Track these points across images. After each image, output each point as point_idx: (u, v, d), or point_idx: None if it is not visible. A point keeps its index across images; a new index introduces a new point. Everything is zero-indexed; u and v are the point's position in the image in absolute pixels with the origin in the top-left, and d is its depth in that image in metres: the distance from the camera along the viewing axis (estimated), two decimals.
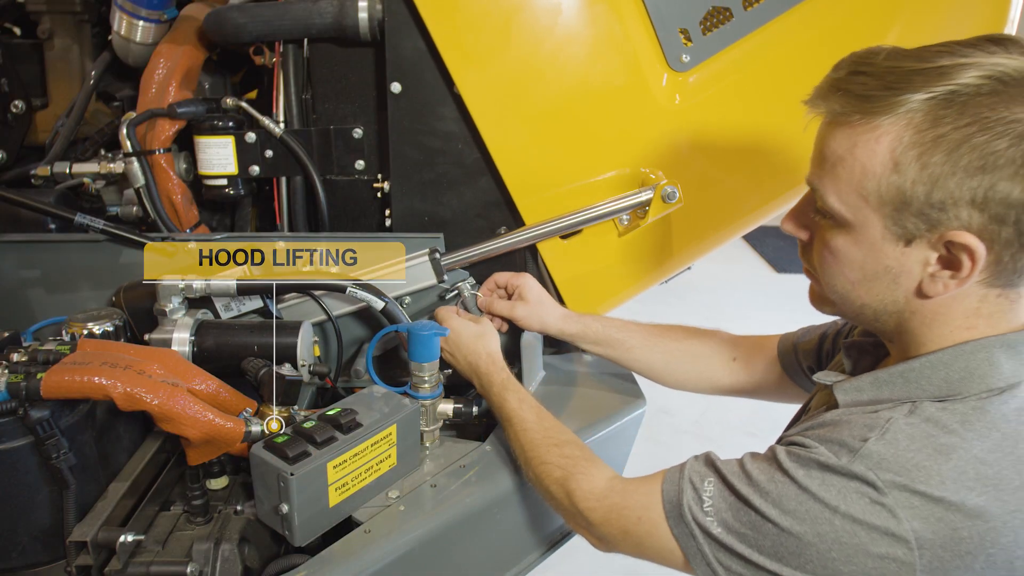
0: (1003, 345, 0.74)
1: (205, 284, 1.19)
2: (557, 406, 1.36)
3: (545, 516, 1.21)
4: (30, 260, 1.35)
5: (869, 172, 0.72)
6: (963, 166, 0.67)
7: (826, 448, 0.73)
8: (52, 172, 1.49)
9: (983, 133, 0.66)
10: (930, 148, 0.68)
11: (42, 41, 1.67)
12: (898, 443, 0.71)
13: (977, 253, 0.69)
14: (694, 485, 0.80)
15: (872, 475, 0.69)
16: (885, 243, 0.74)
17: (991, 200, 0.67)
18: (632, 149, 1.36)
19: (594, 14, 1.28)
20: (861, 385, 0.81)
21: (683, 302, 4.75)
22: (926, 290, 0.74)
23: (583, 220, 1.34)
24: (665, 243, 1.44)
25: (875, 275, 0.77)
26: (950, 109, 0.67)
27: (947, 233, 0.70)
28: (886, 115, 0.70)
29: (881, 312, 0.79)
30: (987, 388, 0.73)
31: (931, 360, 0.76)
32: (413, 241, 1.36)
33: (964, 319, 0.75)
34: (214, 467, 1.10)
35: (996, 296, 0.74)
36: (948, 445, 0.70)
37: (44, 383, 0.92)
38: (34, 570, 0.99)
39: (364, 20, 1.31)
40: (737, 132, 1.36)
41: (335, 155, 1.43)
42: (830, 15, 1.30)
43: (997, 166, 0.66)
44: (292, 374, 1.08)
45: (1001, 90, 0.66)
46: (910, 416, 0.73)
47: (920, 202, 0.70)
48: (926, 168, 0.68)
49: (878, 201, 0.72)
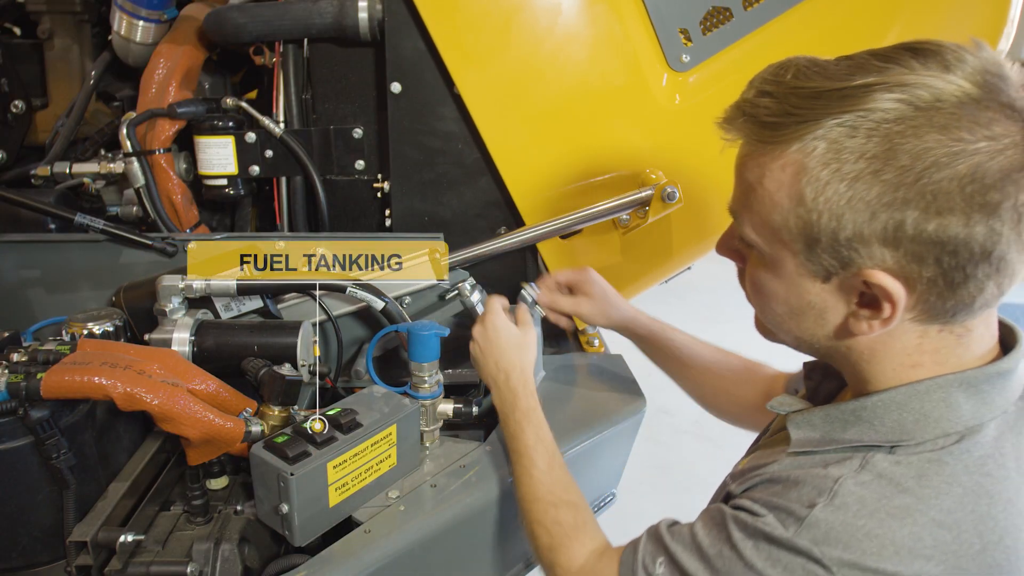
0: (961, 384, 0.67)
1: (205, 284, 1.19)
2: (557, 406, 1.36)
3: None
4: (30, 260, 1.34)
5: (777, 205, 0.66)
6: (869, 200, 0.61)
7: (773, 516, 0.67)
8: (52, 172, 1.49)
9: (890, 165, 0.59)
10: (834, 180, 0.62)
11: (42, 41, 1.67)
12: (848, 508, 0.64)
13: (895, 295, 0.63)
14: (646, 568, 0.76)
15: (818, 551, 0.63)
16: (803, 279, 0.68)
17: (903, 238, 0.61)
18: (632, 149, 1.36)
19: (594, 14, 1.28)
20: (813, 420, 0.74)
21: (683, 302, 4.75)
22: (852, 329, 0.68)
23: (583, 220, 1.34)
24: (665, 243, 1.44)
25: (800, 310, 0.71)
26: (854, 139, 0.60)
27: (862, 272, 0.64)
28: (789, 144, 0.63)
29: (816, 347, 0.74)
30: (943, 433, 0.66)
31: (884, 399, 0.69)
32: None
33: (906, 356, 0.69)
34: (214, 467, 1.10)
35: (938, 332, 0.67)
36: (903, 507, 0.63)
37: (44, 383, 0.92)
38: (34, 570, 0.99)
39: (364, 20, 1.31)
40: None
41: (335, 155, 1.43)
42: (830, 15, 1.30)
43: (907, 200, 0.59)
44: (292, 374, 1.08)
45: (911, 116, 0.59)
46: (860, 473, 0.66)
47: (829, 238, 0.64)
48: (829, 202, 0.62)
49: (788, 236, 0.67)
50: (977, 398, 0.67)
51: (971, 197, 0.58)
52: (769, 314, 0.75)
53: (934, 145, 0.58)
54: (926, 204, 0.59)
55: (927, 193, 0.59)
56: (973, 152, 0.58)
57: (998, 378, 0.68)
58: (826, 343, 0.72)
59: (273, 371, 1.07)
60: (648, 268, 1.48)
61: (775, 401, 0.81)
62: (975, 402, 0.67)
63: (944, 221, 0.59)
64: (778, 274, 0.71)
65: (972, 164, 0.58)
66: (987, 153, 0.58)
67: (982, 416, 0.67)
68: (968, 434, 0.66)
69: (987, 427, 0.67)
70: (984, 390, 0.67)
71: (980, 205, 0.58)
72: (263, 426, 1.05)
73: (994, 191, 0.58)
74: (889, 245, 0.62)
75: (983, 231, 0.59)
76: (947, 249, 0.60)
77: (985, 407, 0.67)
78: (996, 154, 0.58)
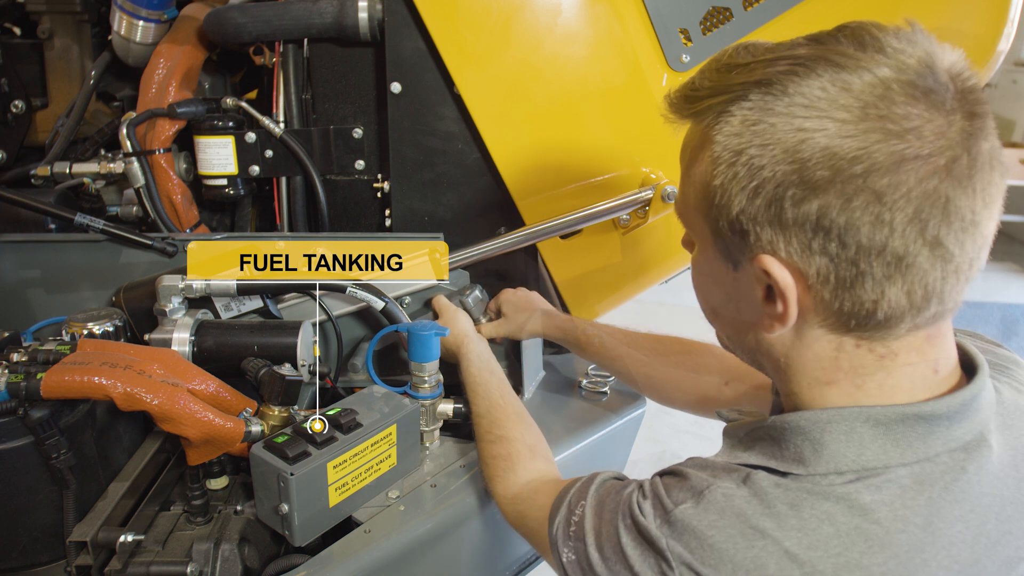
0: (868, 419, 0.60)
1: (205, 284, 1.19)
2: (557, 407, 1.36)
3: None
4: (30, 260, 1.34)
5: (693, 183, 0.65)
6: (752, 177, 0.58)
7: (650, 503, 0.66)
8: (52, 172, 1.48)
9: (778, 142, 0.56)
10: (729, 155, 0.59)
11: (42, 41, 1.66)
12: (707, 515, 0.61)
13: (783, 285, 0.59)
14: (571, 507, 0.76)
15: (664, 544, 0.61)
16: (717, 264, 0.66)
17: (786, 220, 0.57)
18: (632, 149, 1.36)
19: (594, 14, 1.28)
20: (739, 433, 0.70)
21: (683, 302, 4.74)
22: (762, 327, 0.64)
23: (583, 220, 1.34)
24: (665, 243, 1.44)
25: (721, 301, 0.69)
26: (758, 115, 0.57)
27: (756, 258, 0.60)
28: (704, 117, 0.62)
29: (743, 349, 0.71)
30: (836, 469, 0.60)
31: (790, 422, 0.63)
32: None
33: (820, 371, 0.63)
34: (214, 467, 1.10)
35: (855, 347, 0.61)
36: (758, 529, 0.58)
37: (44, 383, 0.92)
38: (34, 570, 0.99)
39: (364, 20, 1.31)
40: None
41: (335, 155, 1.43)
42: (830, 15, 1.30)
43: (787, 176, 0.56)
44: (292, 374, 1.08)
45: (818, 97, 0.55)
46: (740, 487, 0.62)
47: (725, 217, 0.61)
48: (724, 176, 0.60)
49: (700, 215, 0.65)
50: (887, 439, 0.60)
51: (849, 179, 0.54)
52: (704, 310, 0.74)
53: (826, 127, 0.54)
54: (802, 181, 0.55)
55: (806, 170, 0.55)
56: (865, 131, 0.53)
57: (917, 421, 0.60)
58: (747, 346, 0.69)
59: (273, 371, 1.07)
60: (648, 268, 1.48)
61: (725, 411, 0.80)
62: (884, 442, 0.60)
63: (821, 202, 0.55)
64: (702, 262, 0.69)
65: (860, 144, 0.53)
66: (882, 134, 0.53)
67: (890, 460, 0.59)
68: (866, 476, 0.59)
69: (897, 473, 0.59)
70: (897, 431, 0.60)
71: (861, 188, 0.54)
72: (263, 426, 1.06)
73: (880, 175, 0.53)
74: (775, 227, 0.58)
75: (868, 219, 0.54)
76: (831, 235, 0.56)
77: (896, 450, 0.59)
78: (895, 138, 0.53)
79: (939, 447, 0.60)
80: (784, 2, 1.30)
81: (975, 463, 0.61)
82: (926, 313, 0.58)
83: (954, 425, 0.60)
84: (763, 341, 0.66)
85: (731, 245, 0.63)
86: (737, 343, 0.71)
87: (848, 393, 0.63)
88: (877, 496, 0.58)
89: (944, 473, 0.60)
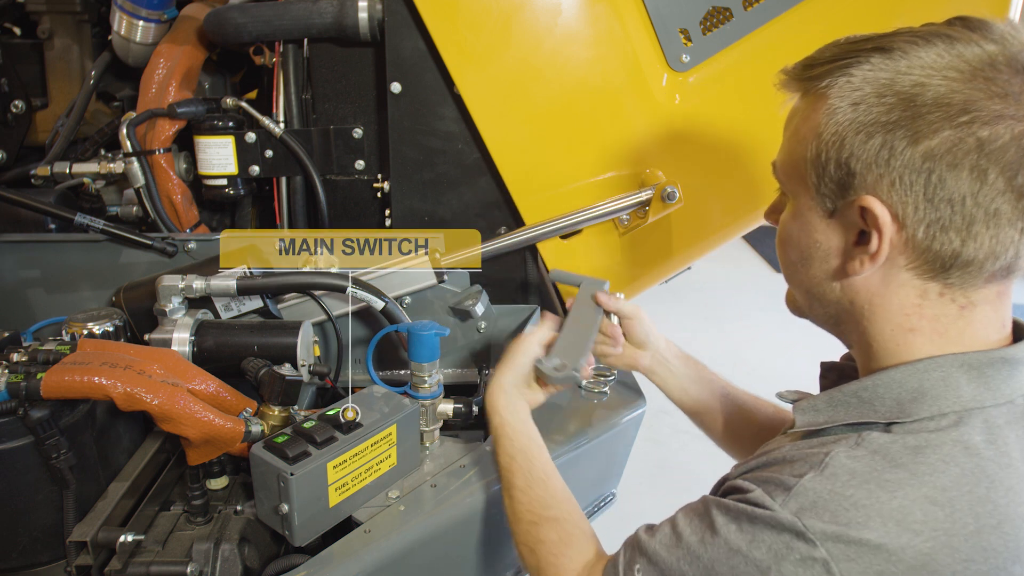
0: (964, 365, 0.66)
1: (205, 284, 1.19)
2: (557, 407, 1.36)
3: None
4: (30, 260, 1.35)
5: (801, 138, 0.71)
6: (866, 122, 0.65)
7: (762, 490, 0.66)
8: (52, 172, 1.49)
9: (893, 92, 0.64)
10: (844, 107, 0.66)
11: (42, 41, 1.67)
12: (837, 478, 0.63)
13: (881, 220, 0.65)
14: (625, 572, 0.74)
15: (801, 524, 0.61)
16: (812, 214, 0.72)
17: (893, 162, 0.64)
18: (632, 149, 1.36)
19: (594, 14, 1.28)
20: (817, 404, 0.74)
21: (683, 302, 4.75)
22: (848, 269, 0.69)
23: (583, 220, 1.34)
24: (665, 243, 1.44)
25: (810, 253, 0.73)
26: (873, 74, 0.65)
27: (857, 199, 0.66)
28: (820, 80, 0.69)
29: (823, 301, 0.75)
30: (940, 412, 0.65)
31: (884, 378, 0.69)
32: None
33: (904, 316, 0.68)
34: (214, 467, 1.10)
35: (938, 295, 0.67)
36: (894, 481, 0.62)
37: (44, 383, 0.92)
38: (34, 570, 0.99)
39: (364, 20, 1.31)
40: (737, 132, 1.36)
41: (335, 155, 1.43)
42: (830, 15, 1.30)
43: (899, 122, 0.63)
44: (292, 374, 1.08)
45: (932, 63, 0.63)
46: (855, 448, 0.65)
47: (833, 162, 0.67)
48: (838, 125, 0.67)
49: (805, 168, 0.71)
50: (979, 381, 0.66)
51: (957, 126, 0.61)
52: (788, 266, 0.78)
53: (940, 83, 0.62)
54: (914, 125, 0.62)
55: (919, 116, 0.62)
56: (973, 89, 0.61)
57: (1004, 364, 0.66)
58: (831, 296, 0.73)
59: (273, 371, 1.07)
60: (648, 268, 1.47)
61: (784, 391, 0.84)
62: (977, 385, 0.65)
63: (930, 143, 0.62)
64: (795, 214, 0.74)
65: (967, 98, 0.61)
66: (986, 94, 0.61)
67: (984, 401, 0.65)
68: (967, 417, 0.65)
69: (990, 413, 0.65)
70: (988, 374, 0.66)
71: (965, 136, 0.61)
72: (263, 426, 1.06)
73: (982, 126, 0.60)
74: (882, 167, 0.64)
75: (967, 163, 0.61)
76: (932, 176, 0.62)
77: (988, 392, 0.65)
78: (997, 99, 0.60)
79: (1018, 388, 0.67)
80: (784, 2, 1.30)
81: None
82: (1002, 263, 0.64)
83: (1022, 369, 0.67)
84: (848, 288, 0.71)
85: (832, 192, 0.69)
86: (818, 296, 0.75)
87: (931, 340, 0.68)
88: (983, 436, 0.64)
89: (1023, 414, 0.67)
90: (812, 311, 0.78)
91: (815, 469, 0.65)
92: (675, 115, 1.33)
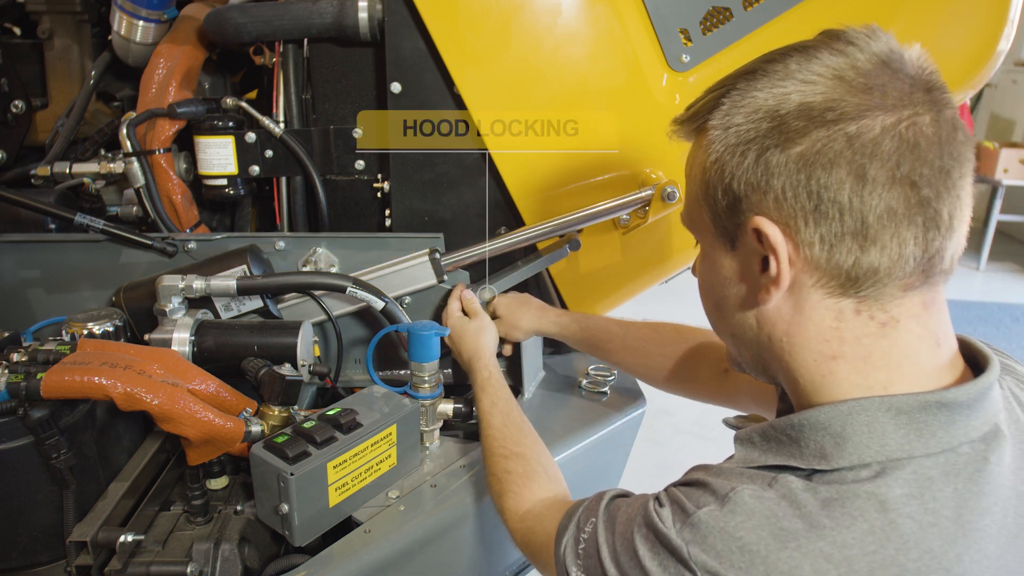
0: (891, 409, 0.60)
1: (205, 284, 1.19)
2: (557, 407, 1.36)
3: None
4: (30, 260, 1.35)
5: (692, 177, 0.71)
6: (739, 142, 0.63)
7: (670, 508, 0.65)
8: (52, 172, 1.48)
9: (764, 111, 0.62)
10: (722, 135, 0.65)
11: (42, 41, 1.66)
12: (734, 517, 0.59)
13: (773, 239, 0.61)
14: (579, 525, 0.75)
15: (686, 552, 0.59)
16: (717, 252, 0.69)
17: (771, 178, 0.61)
18: (632, 149, 1.36)
19: (594, 14, 1.28)
20: (753, 437, 0.69)
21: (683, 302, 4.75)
22: (759, 299, 0.65)
23: (583, 220, 1.34)
24: (665, 243, 1.44)
25: (723, 292, 0.70)
26: (748, 100, 0.64)
27: (747, 221, 0.63)
28: (701, 119, 0.68)
29: (745, 342, 0.71)
30: (860, 461, 0.59)
31: (810, 418, 0.63)
32: (413, 241, 1.36)
33: (824, 343, 0.63)
34: (214, 467, 1.10)
35: (854, 313, 0.62)
36: (790, 531, 0.57)
37: (44, 383, 0.92)
38: (34, 570, 0.99)
39: (364, 20, 1.31)
40: None
41: (335, 155, 1.43)
42: (830, 15, 1.30)
43: (768, 132, 0.61)
44: (292, 374, 1.08)
45: (773, 67, 0.63)
46: (766, 489, 0.61)
47: (722, 192, 0.65)
48: (718, 154, 0.65)
49: (701, 206, 0.69)
50: (909, 427, 0.59)
51: (822, 125, 0.59)
52: (710, 315, 0.75)
53: (801, 89, 0.61)
54: (782, 133, 0.61)
55: (784, 123, 0.61)
56: (835, 88, 0.60)
57: (940, 409, 0.59)
58: (750, 334, 0.69)
59: (273, 371, 1.07)
60: (648, 268, 1.47)
61: (730, 418, 0.83)
62: (906, 432, 0.59)
63: (800, 148, 0.60)
64: (704, 257, 0.73)
65: (830, 97, 0.59)
66: (849, 90, 0.59)
67: (913, 450, 0.58)
68: (892, 468, 0.58)
69: (921, 464, 0.58)
70: (920, 420, 0.59)
71: (834, 135, 0.59)
72: (263, 426, 1.06)
73: (850, 122, 0.58)
74: (763, 183, 0.62)
75: (843, 162, 0.59)
76: (811, 182, 0.59)
77: (919, 440, 0.59)
78: (862, 92, 0.59)
79: (961, 436, 0.60)
80: (784, 2, 1.30)
81: (995, 454, 0.60)
82: (914, 266, 0.60)
83: (973, 414, 0.60)
84: (764, 322, 0.67)
85: (727, 222, 0.66)
86: (740, 338, 0.71)
87: (856, 367, 0.63)
88: (906, 490, 0.57)
89: (967, 464, 0.59)
90: (742, 357, 0.74)
91: (718, 502, 0.62)
92: (675, 115, 1.33)
